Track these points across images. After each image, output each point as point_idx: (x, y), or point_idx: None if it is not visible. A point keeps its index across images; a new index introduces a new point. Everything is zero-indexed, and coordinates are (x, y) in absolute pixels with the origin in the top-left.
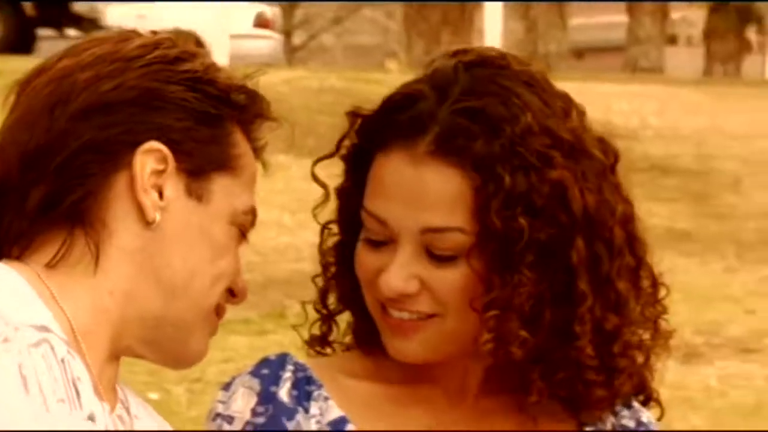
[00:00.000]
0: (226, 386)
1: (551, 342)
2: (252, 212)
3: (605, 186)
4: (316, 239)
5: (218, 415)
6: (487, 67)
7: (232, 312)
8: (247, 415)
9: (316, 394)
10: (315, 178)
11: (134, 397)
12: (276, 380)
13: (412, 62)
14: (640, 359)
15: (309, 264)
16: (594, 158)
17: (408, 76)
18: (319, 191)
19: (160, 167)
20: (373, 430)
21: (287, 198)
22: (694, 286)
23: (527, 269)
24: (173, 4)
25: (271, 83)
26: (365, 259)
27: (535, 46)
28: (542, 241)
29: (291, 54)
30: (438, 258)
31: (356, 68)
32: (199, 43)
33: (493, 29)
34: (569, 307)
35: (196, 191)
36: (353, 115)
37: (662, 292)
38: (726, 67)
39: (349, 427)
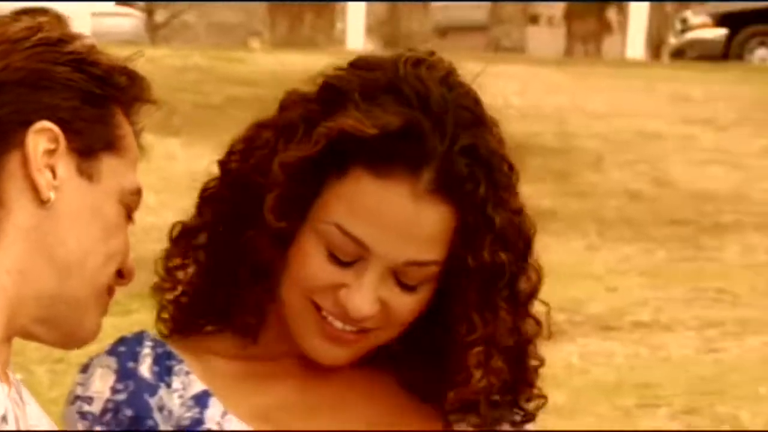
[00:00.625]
0: (84, 368)
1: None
2: (138, 192)
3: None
4: (180, 219)
5: (77, 397)
6: (454, 87)
7: None
8: (107, 394)
9: (177, 368)
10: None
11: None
12: (133, 357)
13: (275, 41)
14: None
15: None
16: (512, 176)
17: (271, 55)
18: (182, 171)
19: (52, 146)
20: (238, 403)
21: (151, 178)
22: (556, 264)
23: (506, 304)
24: None
25: (132, 61)
26: (325, 272)
27: (398, 26)
28: (517, 276)
29: (153, 32)
30: (406, 286)
31: (219, 47)
32: (63, 22)
33: (356, 9)
34: (520, 327)
35: (86, 170)
36: (332, 129)
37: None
38: (587, 47)
39: (212, 400)
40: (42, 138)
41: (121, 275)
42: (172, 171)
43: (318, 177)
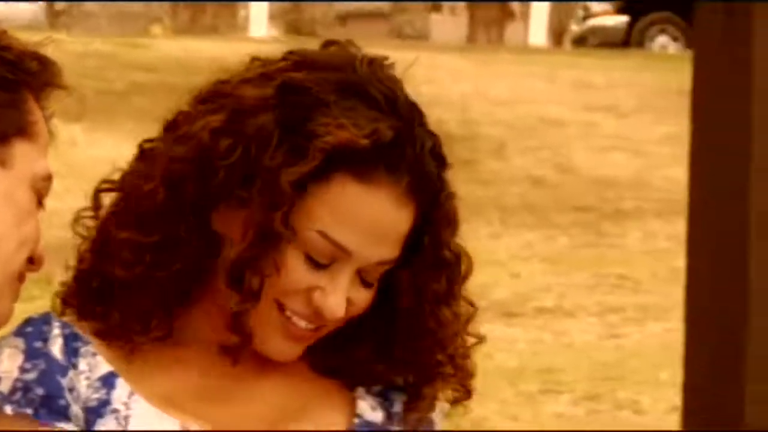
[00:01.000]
0: None
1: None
2: (49, 178)
3: None
4: (83, 205)
5: None
6: (402, 86)
7: None
8: (15, 373)
9: (83, 350)
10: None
11: None
12: (41, 336)
13: (177, 28)
14: None
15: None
16: None
17: (174, 42)
18: (84, 157)
19: None
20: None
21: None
22: None
23: (460, 294)
24: None
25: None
26: (302, 276)
27: (300, 13)
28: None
29: (54, 18)
30: (365, 282)
31: (121, 34)
32: None
33: None
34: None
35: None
36: (327, 143)
37: None
38: (489, 34)
39: (119, 381)
40: None
41: (32, 261)
42: (74, 157)
43: (301, 186)
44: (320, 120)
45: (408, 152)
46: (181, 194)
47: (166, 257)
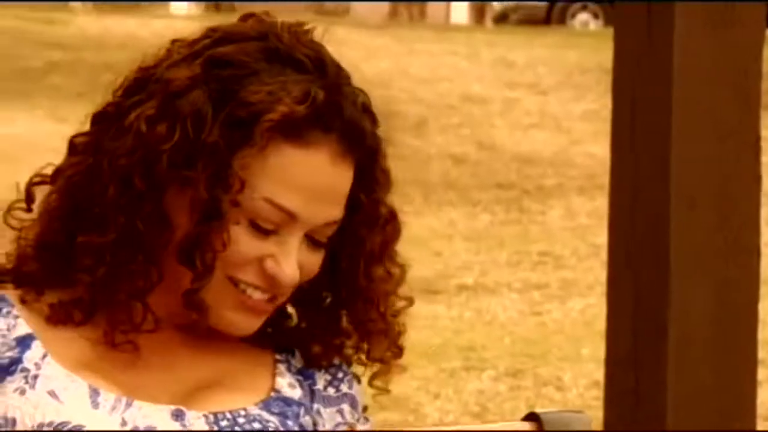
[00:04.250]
0: None
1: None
2: None
3: None
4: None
5: None
6: (318, 43)
7: None
8: None
9: (5, 311)
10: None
11: None
12: None
13: (98, 6)
14: None
15: None
16: None
17: (93, 17)
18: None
19: None
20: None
21: None
22: None
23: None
24: None
25: None
26: (249, 245)
27: None
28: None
29: None
30: (316, 244)
31: (37, 8)
32: None
33: None
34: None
35: None
36: (271, 119)
37: None
38: (410, 10)
39: (35, 343)
40: None
41: None
42: None
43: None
44: (250, 88)
45: (341, 111)
46: (131, 188)
47: (129, 252)
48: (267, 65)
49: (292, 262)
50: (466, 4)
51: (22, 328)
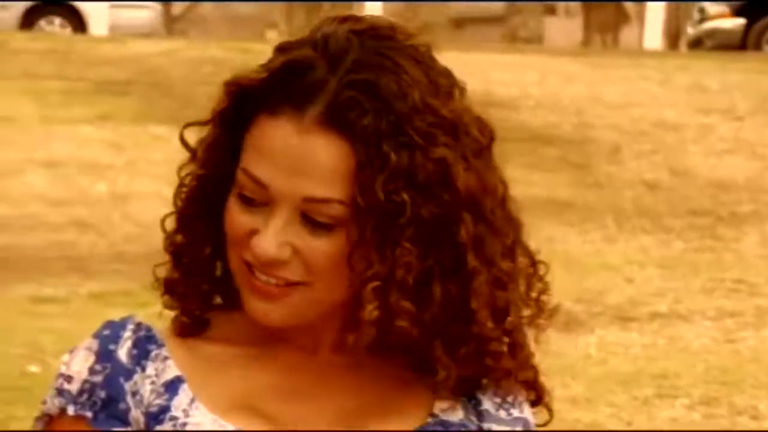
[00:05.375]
0: (72, 349)
1: (448, 317)
2: None
3: (483, 165)
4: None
5: (60, 375)
6: (378, 39)
7: (112, 284)
8: (85, 374)
9: (154, 354)
10: (183, 143)
11: None
12: (115, 339)
13: (292, 32)
14: (521, 339)
15: None
16: (473, 137)
17: None
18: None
19: None
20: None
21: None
22: (573, 255)
23: (409, 243)
24: None
25: (150, 54)
26: (238, 218)
27: (415, 16)
28: (425, 218)
29: (170, 24)
30: (315, 225)
31: (236, 38)
32: None
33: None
34: (461, 283)
35: None
36: (232, 84)
37: (542, 270)
38: (604, 37)
39: (183, 387)
40: None
41: None
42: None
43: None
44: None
45: (317, 81)
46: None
47: None
48: (285, 47)
49: (269, 235)
50: (659, 30)
51: (171, 371)
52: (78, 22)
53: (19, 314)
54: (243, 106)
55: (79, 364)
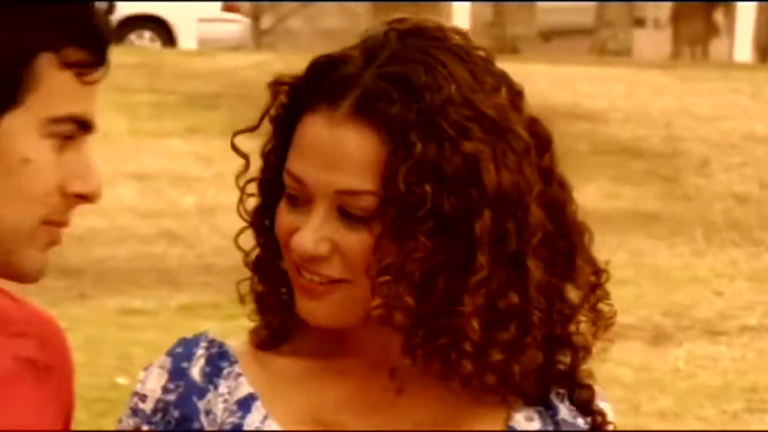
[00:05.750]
0: (147, 366)
1: (438, 309)
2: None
3: (526, 165)
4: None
5: (135, 393)
6: (421, 37)
7: (201, 296)
8: (158, 393)
9: (227, 371)
10: (235, 149)
11: None
12: (188, 357)
13: None
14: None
15: None
16: (518, 137)
17: None
18: None
19: None
20: (281, 409)
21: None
22: (662, 269)
23: (425, 237)
24: None
25: (239, 67)
26: (284, 218)
27: (503, 30)
28: (445, 211)
29: (259, 38)
30: (351, 219)
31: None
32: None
33: (461, 13)
34: (464, 278)
35: None
36: (276, 84)
37: (603, 277)
38: (693, 49)
39: (256, 405)
40: None
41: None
42: None
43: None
44: None
45: (351, 75)
46: None
47: None
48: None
49: (307, 232)
50: (749, 42)
51: (244, 388)
52: (167, 36)
53: (109, 326)
54: (291, 107)
55: (153, 383)
